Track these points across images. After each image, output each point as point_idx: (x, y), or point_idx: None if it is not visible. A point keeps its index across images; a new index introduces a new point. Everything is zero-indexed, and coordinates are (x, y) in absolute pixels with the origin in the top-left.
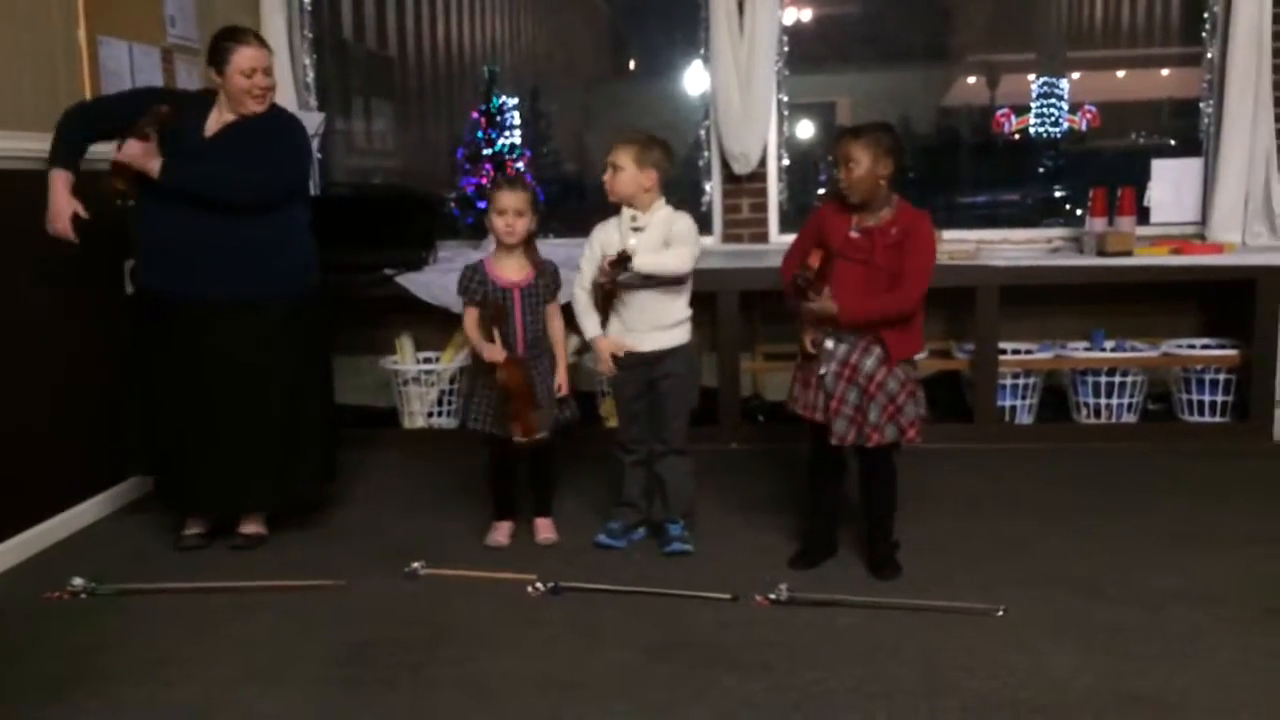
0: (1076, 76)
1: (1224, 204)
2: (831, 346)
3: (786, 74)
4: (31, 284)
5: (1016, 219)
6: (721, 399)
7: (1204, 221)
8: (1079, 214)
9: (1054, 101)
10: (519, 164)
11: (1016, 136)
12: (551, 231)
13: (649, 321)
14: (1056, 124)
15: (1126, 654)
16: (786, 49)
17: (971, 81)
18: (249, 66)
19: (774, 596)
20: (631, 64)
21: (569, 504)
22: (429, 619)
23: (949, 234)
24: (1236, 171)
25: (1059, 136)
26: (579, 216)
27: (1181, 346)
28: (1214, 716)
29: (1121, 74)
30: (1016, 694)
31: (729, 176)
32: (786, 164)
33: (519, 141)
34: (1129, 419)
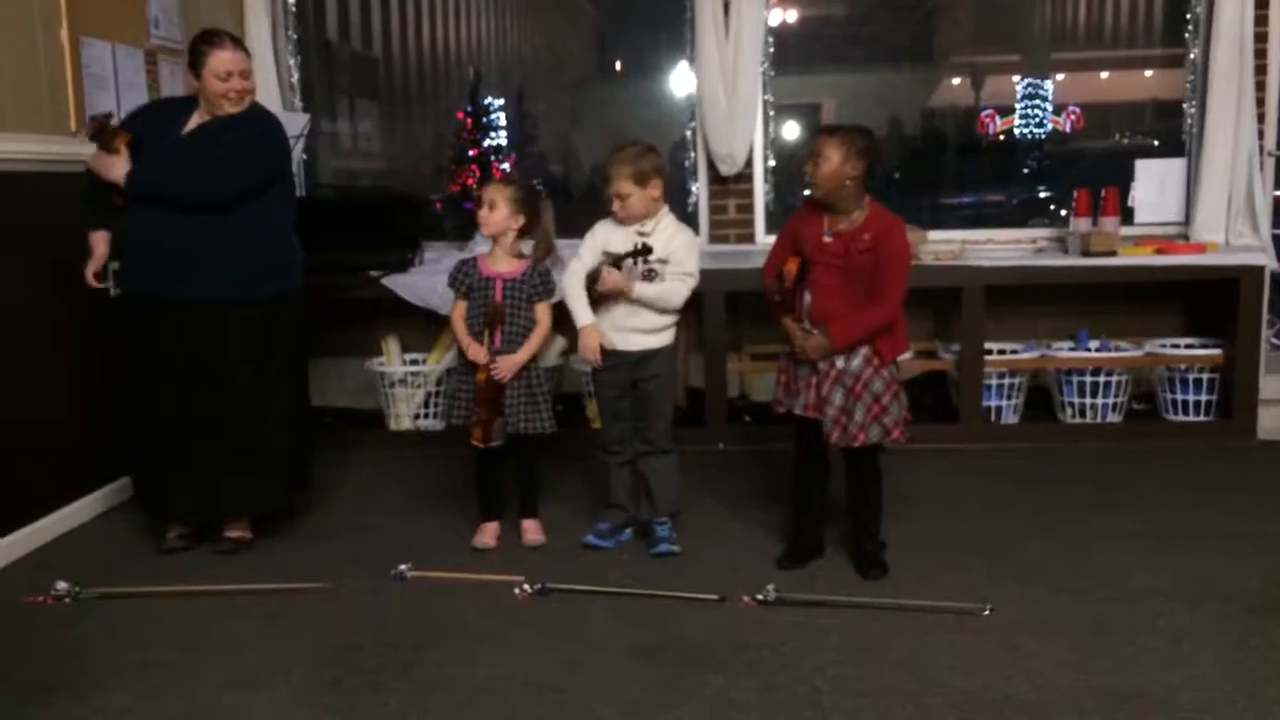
0: (1061, 78)
1: (1207, 204)
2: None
3: (772, 75)
4: (19, 285)
5: (1001, 219)
6: (708, 399)
7: (1187, 222)
8: (1063, 214)
9: (1038, 103)
10: (504, 165)
11: (1001, 137)
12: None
13: (638, 323)
14: (1041, 125)
15: (1112, 652)
16: (772, 50)
17: (956, 83)
18: (224, 70)
19: (761, 597)
20: (617, 65)
21: (556, 506)
22: (416, 622)
23: (934, 234)
24: (1219, 172)
25: (1043, 137)
26: (565, 217)
27: (1165, 346)
28: (1199, 713)
29: (1105, 75)
30: (1003, 693)
31: (715, 177)
32: (772, 165)
33: (504, 142)
34: (1114, 418)
